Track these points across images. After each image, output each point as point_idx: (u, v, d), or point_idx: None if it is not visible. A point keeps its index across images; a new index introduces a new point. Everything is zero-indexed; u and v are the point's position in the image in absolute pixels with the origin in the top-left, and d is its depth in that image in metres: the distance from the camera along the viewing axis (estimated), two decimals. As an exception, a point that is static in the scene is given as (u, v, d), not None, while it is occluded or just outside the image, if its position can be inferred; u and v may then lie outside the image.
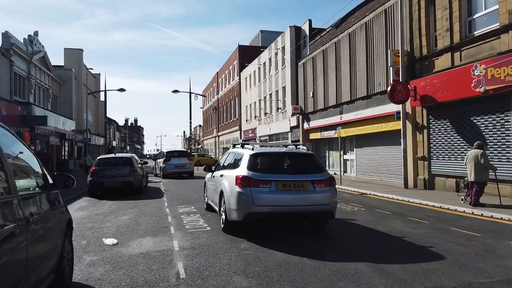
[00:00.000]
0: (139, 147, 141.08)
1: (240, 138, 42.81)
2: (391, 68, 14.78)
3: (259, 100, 35.30)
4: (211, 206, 8.79)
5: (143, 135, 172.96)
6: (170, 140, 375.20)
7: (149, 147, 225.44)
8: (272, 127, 31.07)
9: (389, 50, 14.90)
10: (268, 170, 6.44)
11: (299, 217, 6.54)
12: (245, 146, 7.55)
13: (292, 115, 26.52)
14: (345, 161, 21.25)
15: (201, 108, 72.65)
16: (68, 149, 31.15)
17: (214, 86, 61.42)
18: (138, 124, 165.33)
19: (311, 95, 23.67)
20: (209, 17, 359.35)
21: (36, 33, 27.72)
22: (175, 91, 28.43)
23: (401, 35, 14.25)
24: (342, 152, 21.40)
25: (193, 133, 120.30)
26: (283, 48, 28.92)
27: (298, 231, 7.04)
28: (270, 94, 31.82)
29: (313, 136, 24.30)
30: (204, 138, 70.77)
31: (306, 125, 24.78)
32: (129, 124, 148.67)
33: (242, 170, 6.47)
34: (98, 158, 13.95)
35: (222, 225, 6.90)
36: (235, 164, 7.09)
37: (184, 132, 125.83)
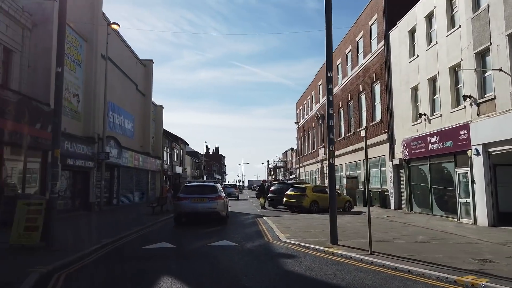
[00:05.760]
0: (220, 177, 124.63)
1: (393, 158, 21.28)
2: None
3: (480, 56, 13.73)
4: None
5: (224, 165, 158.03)
6: (253, 171, 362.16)
7: (231, 178, 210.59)
8: None
9: None
10: (189, 193, 14.78)
11: (203, 214, 14.56)
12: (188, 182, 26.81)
13: None
14: None
15: (295, 123, 52.34)
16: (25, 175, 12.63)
17: (319, 86, 40.94)
18: (220, 152, 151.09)
19: None
20: (286, 53, 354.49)
21: None
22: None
23: None
24: None
25: (280, 159, 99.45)
26: None
27: (210, 223, 14.64)
28: None
29: None
30: (300, 165, 49.81)
31: None
32: (210, 153, 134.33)
33: (180, 193, 15.28)
34: None
35: (174, 218, 15.40)
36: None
37: (268, 161, 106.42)
